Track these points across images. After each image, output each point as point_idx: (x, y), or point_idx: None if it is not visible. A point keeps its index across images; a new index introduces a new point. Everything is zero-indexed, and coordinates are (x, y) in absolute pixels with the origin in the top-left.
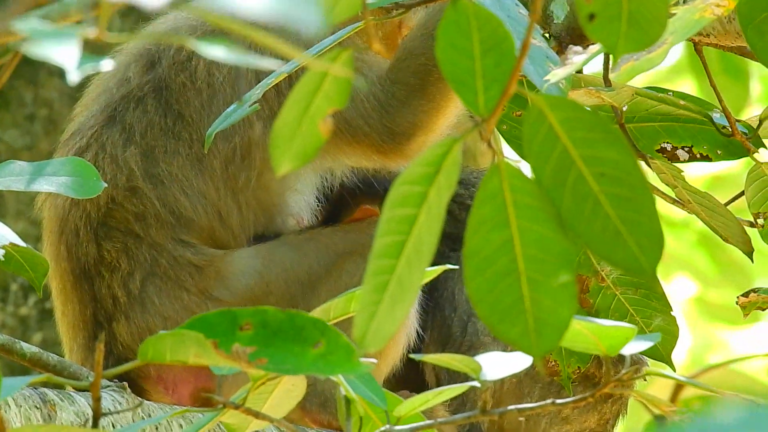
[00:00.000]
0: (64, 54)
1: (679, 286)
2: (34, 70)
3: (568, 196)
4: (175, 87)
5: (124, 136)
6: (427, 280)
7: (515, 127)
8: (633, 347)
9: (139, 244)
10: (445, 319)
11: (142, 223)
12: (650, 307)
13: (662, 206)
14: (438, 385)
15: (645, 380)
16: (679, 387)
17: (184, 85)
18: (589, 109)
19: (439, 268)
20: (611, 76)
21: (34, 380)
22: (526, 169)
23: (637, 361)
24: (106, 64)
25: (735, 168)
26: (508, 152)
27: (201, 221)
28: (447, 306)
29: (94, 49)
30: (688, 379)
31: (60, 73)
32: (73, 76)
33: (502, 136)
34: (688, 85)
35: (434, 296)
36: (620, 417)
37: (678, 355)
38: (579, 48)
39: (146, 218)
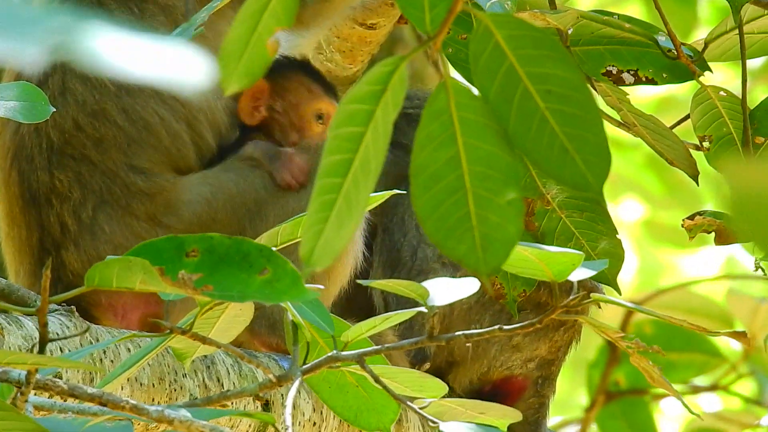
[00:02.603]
0: None
1: (627, 209)
2: None
3: (515, 113)
4: None
5: None
6: (376, 203)
7: (461, 50)
8: (580, 273)
9: (93, 171)
10: (394, 243)
11: (99, 148)
12: (595, 230)
13: (610, 128)
14: (386, 309)
15: (599, 307)
16: (629, 311)
17: None
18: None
19: (388, 192)
20: None
21: None
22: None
23: (590, 287)
24: None
25: (680, 91)
26: (455, 75)
27: (165, 136)
28: (397, 231)
29: None
30: (635, 305)
31: None
32: None
33: (448, 59)
34: (636, 10)
35: (383, 220)
36: (573, 344)
37: (626, 277)
38: None
39: (104, 142)
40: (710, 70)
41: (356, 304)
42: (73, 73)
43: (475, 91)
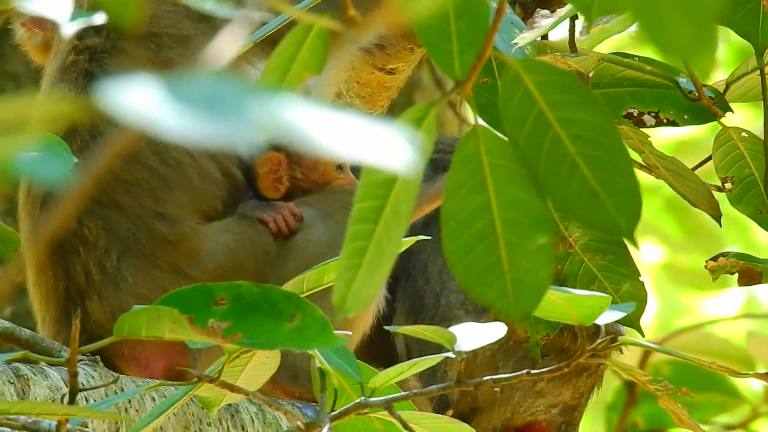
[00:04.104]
0: (56, 7)
1: (647, 252)
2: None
3: (545, 158)
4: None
5: None
6: (402, 249)
7: (481, 94)
8: (607, 317)
9: (120, 217)
10: (417, 290)
11: (130, 192)
12: (618, 273)
13: None
14: (409, 355)
15: (621, 352)
16: (647, 352)
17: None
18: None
19: (414, 239)
20: (582, 39)
21: (11, 357)
22: None
23: (613, 331)
24: (99, 18)
25: (702, 132)
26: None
27: (195, 176)
28: (419, 277)
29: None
30: (661, 347)
31: None
32: (67, 29)
33: (469, 103)
34: (654, 51)
35: (406, 267)
36: (595, 390)
37: (646, 320)
38: (546, 12)
39: (135, 187)
40: (732, 111)
41: (378, 351)
42: (102, 116)
43: (501, 136)
